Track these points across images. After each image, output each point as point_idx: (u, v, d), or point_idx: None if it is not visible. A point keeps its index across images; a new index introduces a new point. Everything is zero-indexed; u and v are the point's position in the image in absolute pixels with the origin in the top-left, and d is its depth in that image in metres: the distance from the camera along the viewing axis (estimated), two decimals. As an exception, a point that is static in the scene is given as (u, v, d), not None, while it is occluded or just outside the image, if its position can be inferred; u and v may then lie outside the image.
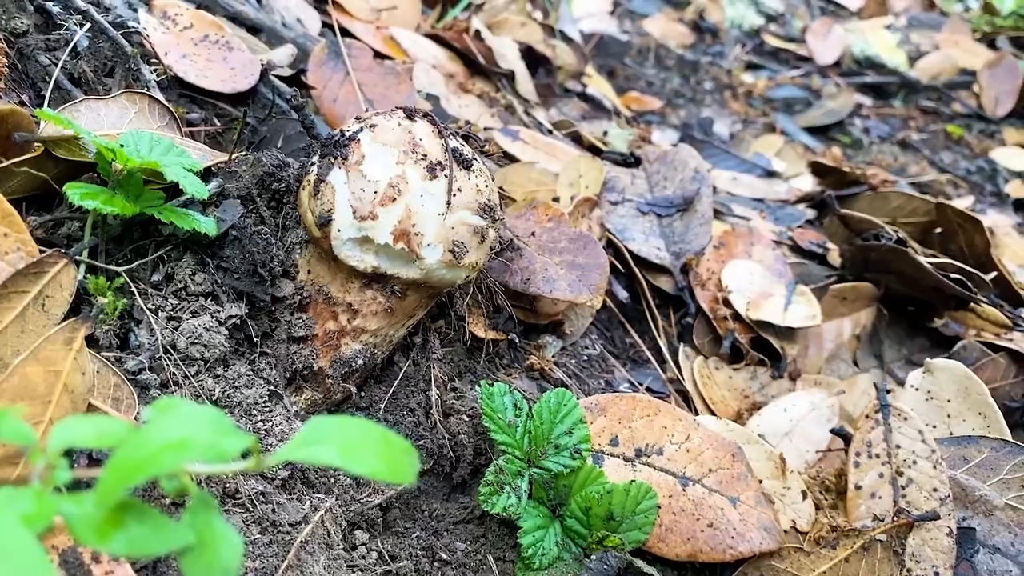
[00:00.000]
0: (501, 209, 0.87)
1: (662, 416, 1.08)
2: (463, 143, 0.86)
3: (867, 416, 1.17)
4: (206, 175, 1.01)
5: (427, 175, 0.78)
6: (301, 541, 0.75)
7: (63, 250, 0.78)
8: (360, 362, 0.88)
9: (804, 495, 1.10)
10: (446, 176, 0.79)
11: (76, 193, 0.80)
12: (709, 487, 1.04)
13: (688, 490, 1.03)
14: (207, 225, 0.85)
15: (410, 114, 0.82)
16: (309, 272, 0.86)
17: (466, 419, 1.03)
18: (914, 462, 1.11)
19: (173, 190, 0.90)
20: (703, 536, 1.00)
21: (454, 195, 0.79)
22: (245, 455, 0.44)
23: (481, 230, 0.82)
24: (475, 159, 0.84)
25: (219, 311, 0.87)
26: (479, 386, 1.00)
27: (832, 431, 1.25)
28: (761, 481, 1.08)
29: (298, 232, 0.90)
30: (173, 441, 0.42)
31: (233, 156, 0.98)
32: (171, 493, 0.44)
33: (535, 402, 1.00)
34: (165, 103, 1.08)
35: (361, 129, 0.81)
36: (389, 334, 0.89)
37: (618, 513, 0.96)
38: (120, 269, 0.85)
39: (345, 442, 0.48)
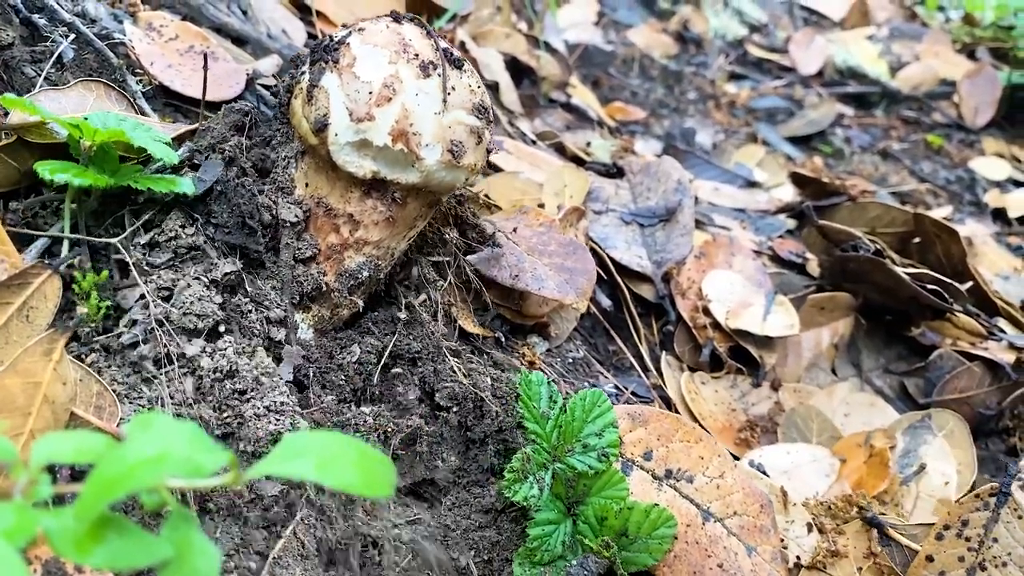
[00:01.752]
0: (492, 111, 0.87)
1: (701, 446, 1.08)
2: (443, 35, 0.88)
3: (977, 495, 1.08)
4: (177, 143, 1.04)
5: (420, 74, 0.78)
6: (274, 557, 0.76)
7: (46, 260, 0.79)
8: (365, 274, 0.89)
9: (809, 528, 1.10)
10: (439, 75, 0.79)
11: (46, 169, 0.81)
12: (730, 529, 1.02)
13: (708, 525, 1.02)
14: (185, 185, 0.87)
15: (397, 17, 0.82)
16: (307, 185, 0.86)
17: (489, 382, 1.05)
18: (1004, 563, 1.04)
19: (149, 163, 0.92)
20: (710, 574, 0.98)
21: (448, 93, 0.79)
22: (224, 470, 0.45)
23: (477, 130, 0.82)
24: (464, 60, 0.84)
25: (212, 270, 0.88)
26: (502, 370, 1.04)
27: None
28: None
29: (292, 145, 0.90)
30: (152, 456, 0.43)
31: (199, 123, 1.01)
32: (150, 507, 0.45)
33: (568, 397, 1.01)
34: (121, 91, 1.10)
35: (350, 33, 0.80)
36: (392, 246, 0.90)
37: (633, 532, 0.96)
38: (114, 240, 0.87)
39: (322, 456, 0.49)
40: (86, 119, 0.85)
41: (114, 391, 0.74)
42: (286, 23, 1.74)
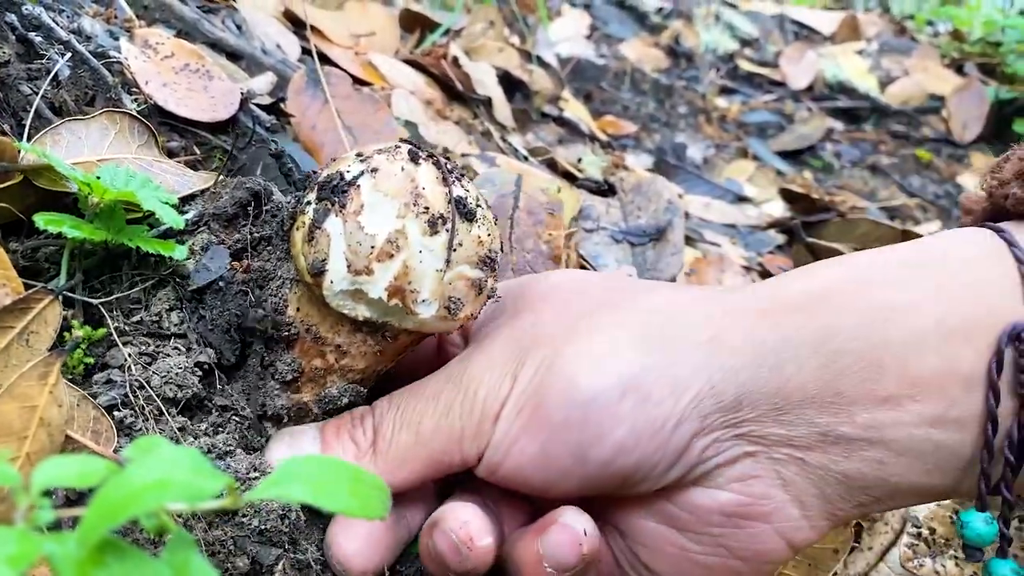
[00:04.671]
0: (502, 250, 0.84)
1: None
2: (466, 186, 0.81)
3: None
4: (185, 201, 1.04)
5: (428, 230, 0.74)
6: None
7: (48, 285, 0.80)
8: (345, 400, 0.85)
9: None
10: (447, 231, 0.75)
11: (42, 219, 0.81)
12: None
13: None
14: (180, 252, 0.87)
15: (415, 156, 0.78)
16: (299, 310, 0.83)
17: None
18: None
19: (154, 225, 0.92)
20: None
21: (454, 250, 0.75)
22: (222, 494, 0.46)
23: (479, 282, 0.78)
24: (479, 206, 0.79)
25: (191, 352, 0.87)
26: None
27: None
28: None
29: (289, 267, 0.87)
30: (153, 481, 0.44)
31: (213, 184, 1.00)
32: (151, 531, 0.46)
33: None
34: (144, 121, 1.10)
35: (362, 174, 0.76)
36: (377, 370, 0.87)
37: None
38: (95, 301, 0.87)
39: (317, 480, 0.50)
40: (98, 177, 0.86)
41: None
42: (280, 38, 1.76)
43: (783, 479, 0.73)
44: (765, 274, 1.74)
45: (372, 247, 0.74)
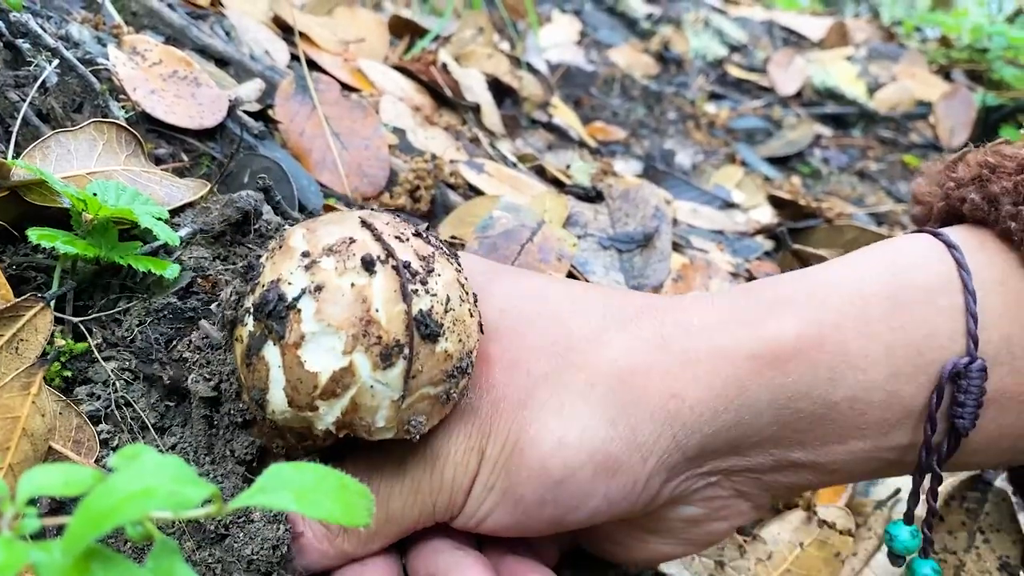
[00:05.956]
0: (472, 363, 0.73)
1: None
2: (433, 279, 0.69)
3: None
4: (175, 213, 1.04)
5: (380, 363, 0.64)
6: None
7: (39, 293, 0.80)
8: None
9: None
10: (405, 359, 0.65)
11: (35, 234, 0.81)
12: None
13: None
14: (171, 270, 0.87)
15: (369, 263, 0.65)
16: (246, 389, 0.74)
17: None
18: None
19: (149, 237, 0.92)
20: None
21: (413, 377, 0.66)
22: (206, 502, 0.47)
23: (447, 392, 0.70)
24: (451, 308, 0.69)
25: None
26: None
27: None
28: None
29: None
30: (138, 490, 0.44)
31: (202, 198, 1.01)
32: (136, 539, 0.46)
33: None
34: (132, 130, 1.10)
35: (303, 293, 0.65)
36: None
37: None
38: (75, 319, 0.86)
39: (301, 487, 0.50)
40: (94, 194, 0.85)
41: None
42: (269, 44, 1.76)
43: (740, 491, 0.79)
44: (752, 280, 1.75)
45: (314, 386, 0.65)
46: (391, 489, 0.77)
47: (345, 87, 1.67)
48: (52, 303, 0.84)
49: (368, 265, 0.65)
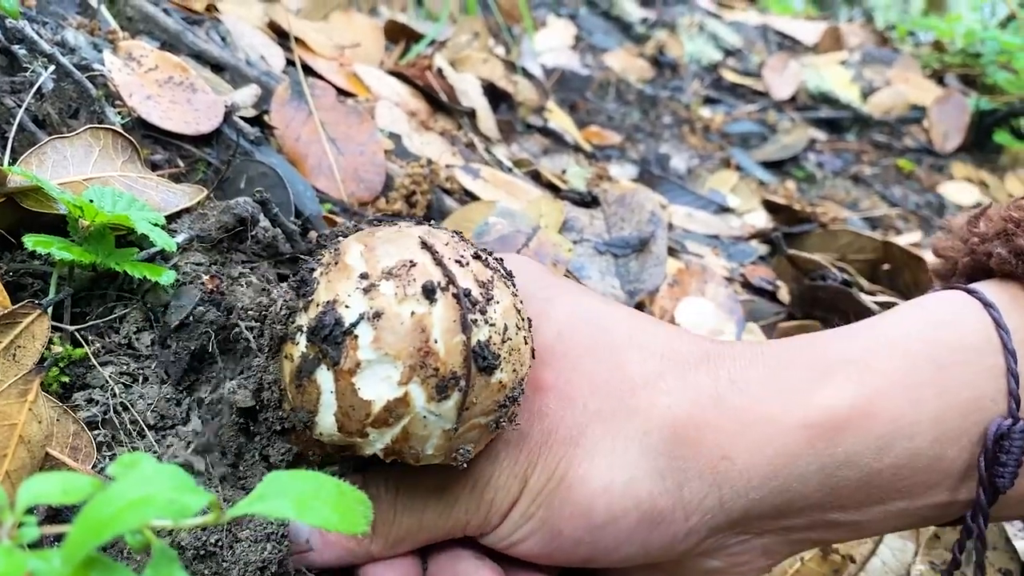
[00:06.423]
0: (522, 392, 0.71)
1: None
2: (492, 307, 0.67)
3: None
4: (171, 219, 1.04)
5: (436, 395, 0.63)
6: None
7: (36, 300, 0.80)
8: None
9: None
10: (460, 391, 0.64)
11: (31, 241, 0.81)
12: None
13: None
14: (167, 276, 0.86)
15: (430, 291, 0.64)
16: (293, 409, 0.74)
17: None
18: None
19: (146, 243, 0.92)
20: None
21: (467, 409, 0.64)
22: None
23: (496, 420, 0.68)
24: (508, 338, 0.67)
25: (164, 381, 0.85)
26: None
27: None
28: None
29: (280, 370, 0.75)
30: (137, 498, 0.44)
31: (199, 204, 1.01)
32: (135, 547, 0.47)
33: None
34: (128, 136, 1.10)
35: (361, 319, 0.63)
36: None
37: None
38: (71, 328, 0.86)
39: (299, 495, 0.51)
40: (90, 200, 0.85)
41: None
42: (265, 49, 1.76)
43: (767, 550, 0.80)
44: (747, 285, 1.75)
45: (367, 414, 0.64)
46: (427, 501, 0.76)
47: (341, 92, 1.67)
48: (49, 310, 0.84)
49: (429, 293, 0.64)
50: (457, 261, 0.67)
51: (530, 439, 0.74)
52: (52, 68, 1.19)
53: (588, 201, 1.68)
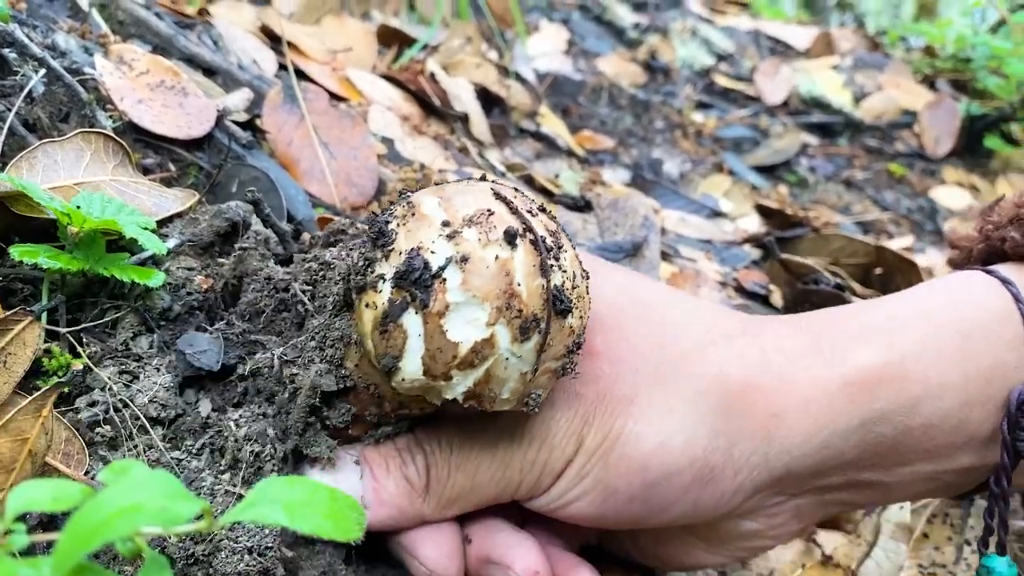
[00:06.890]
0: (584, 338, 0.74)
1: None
2: (561, 257, 0.69)
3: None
4: (163, 223, 1.03)
5: (519, 336, 0.64)
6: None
7: (27, 307, 0.80)
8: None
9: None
10: (540, 333, 0.65)
11: (17, 251, 0.80)
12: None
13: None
14: (156, 279, 0.86)
15: (511, 236, 0.65)
16: (358, 366, 0.76)
17: None
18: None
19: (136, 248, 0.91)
20: None
21: (544, 351, 0.66)
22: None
23: (563, 368, 0.70)
24: (575, 283, 0.69)
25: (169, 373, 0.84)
26: None
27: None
28: None
29: (348, 324, 0.76)
30: (128, 505, 0.44)
31: (190, 208, 1.00)
32: (126, 555, 0.46)
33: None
34: (119, 140, 1.10)
35: (449, 262, 0.64)
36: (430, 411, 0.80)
37: None
38: (64, 330, 0.86)
39: (291, 501, 0.50)
40: (78, 207, 0.85)
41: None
42: (257, 54, 1.76)
43: (800, 511, 0.83)
44: (740, 289, 1.75)
45: (454, 356, 0.66)
46: (481, 460, 0.77)
47: (333, 96, 1.67)
48: (43, 316, 0.83)
49: (511, 238, 0.66)
50: (528, 211, 0.69)
51: (585, 399, 0.76)
52: (43, 72, 1.18)
53: (581, 205, 1.68)
